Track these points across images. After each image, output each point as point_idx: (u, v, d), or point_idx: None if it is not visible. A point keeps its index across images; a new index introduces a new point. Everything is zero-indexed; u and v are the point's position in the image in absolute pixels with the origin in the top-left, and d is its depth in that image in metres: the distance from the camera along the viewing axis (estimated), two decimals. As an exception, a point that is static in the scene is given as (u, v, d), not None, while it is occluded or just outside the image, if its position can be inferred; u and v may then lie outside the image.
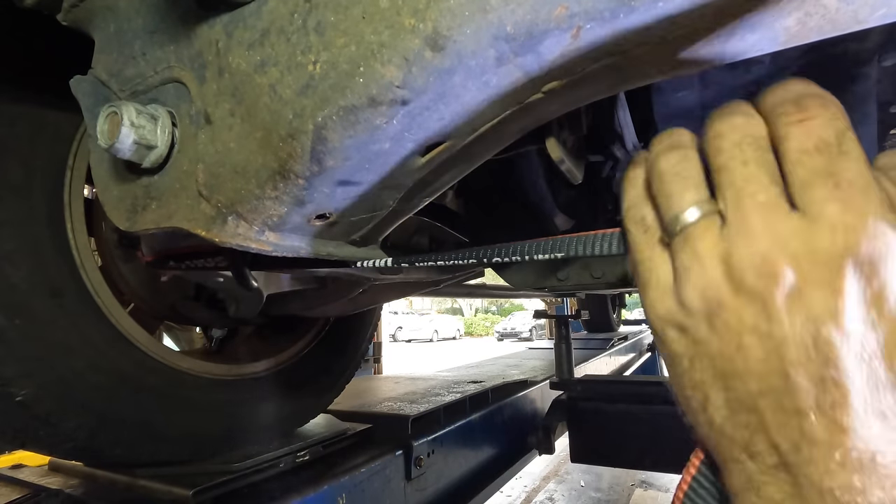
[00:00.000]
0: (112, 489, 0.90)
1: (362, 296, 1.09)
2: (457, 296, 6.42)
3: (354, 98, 0.35)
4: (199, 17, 0.41)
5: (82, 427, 0.77)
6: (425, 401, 1.54)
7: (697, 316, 0.28)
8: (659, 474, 3.69)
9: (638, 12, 0.30)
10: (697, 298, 0.27)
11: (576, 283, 1.09)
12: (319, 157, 0.38)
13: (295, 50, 0.36)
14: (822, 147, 0.25)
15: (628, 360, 3.78)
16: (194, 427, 0.94)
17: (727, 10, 0.30)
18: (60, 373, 0.74)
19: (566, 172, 0.74)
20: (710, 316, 0.27)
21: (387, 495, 1.11)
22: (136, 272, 0.99)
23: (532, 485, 3.84)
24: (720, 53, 0.35)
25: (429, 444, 1.26)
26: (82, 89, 0.50)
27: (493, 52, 0.32)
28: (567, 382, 2.02)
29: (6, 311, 0.69)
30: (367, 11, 0.33)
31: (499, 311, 29.10)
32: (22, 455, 1.10)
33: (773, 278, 0.25)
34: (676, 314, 0.29)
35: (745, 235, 0.26)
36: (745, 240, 0.26)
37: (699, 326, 0.28)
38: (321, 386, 1.28)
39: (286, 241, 0.48)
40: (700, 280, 0.27)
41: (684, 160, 0.30)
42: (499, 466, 1.61)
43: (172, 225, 0.45)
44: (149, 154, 0.43)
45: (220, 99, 0.41)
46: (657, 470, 2.37)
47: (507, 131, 0.43)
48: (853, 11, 0.31)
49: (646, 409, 1.74)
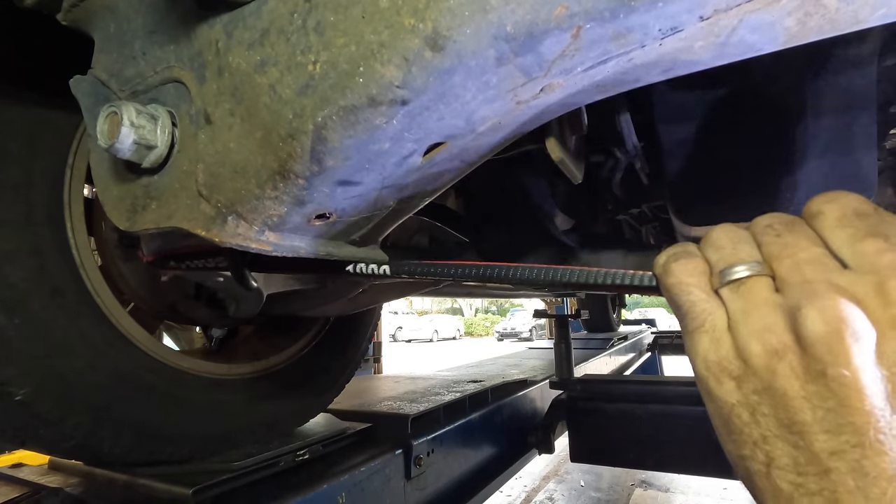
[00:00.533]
0: (112, 488, 0.90)
1: (362, 296, 1.09)
2: (457, 296, 6.41)
3: (354, 98, 0.35)
4: (199, 16, 0.41)
5: (82, 426, 0.77)
6: (425, 400, 1.54)
7: (759, 362, 0.26)
8: (659, 474, 3.69)
9: (638, 12, 0.30)
10: (758, 343, 0.26)
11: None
12: (319, 156, 0.38)
13: (295, 50, 0.36)
14: (861, 213, 0.27)
15: (628, 359, 3.78)
16: (194, 426, 0.94)
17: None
18: (60, 372, 0.74)
19: (566, 172, 0.74)
20: (772, 362, 0.26)
21: (386, 494, 1.11)
22: (136, 272, 0.99)
23: (532, 484, 3.84)
24: (721, 54, 0.35)
25: (428, 444, 1.27)
26: (82, 89, 0.50)
27: (493, 51, 0.32)
28: (567, 382, 2.02)
29: (6, 311, 0.69)
30: (367, 11, 0.33)
31: (499, 311, 29.10)
32: (22, 454, 1.10)
33: (840, 323, 0.24)
34: (734, 361, 0.27)
35: (803, 286, 0.26)
36: (807, 292, 0.25)
37: (761, 374, 0.26)
38: (321, 385, 1.28)
39: (286, 241, 0.48)
40: (759, 323, 0.26)
41: (736, 230, 0.31)
42: (498, 466, 1.61)
43: (172, 225, 0.45)
44: (149, 154, 0.43)
45: (220, 99, 0.41)
46: (657, 470, 2.37)
47: (507, 131, 0.43)
48: (853, 11, 0.31)
49: (646, 408, 1.74)
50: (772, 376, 0.25)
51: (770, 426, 0.26)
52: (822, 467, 0.24)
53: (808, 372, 0.25)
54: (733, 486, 3.46)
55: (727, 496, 3.44)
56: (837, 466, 0.23)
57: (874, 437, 0.23)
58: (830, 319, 0.24)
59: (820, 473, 0.24)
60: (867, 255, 0.25)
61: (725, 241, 0.30)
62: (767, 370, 0.26)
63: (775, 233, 0.29)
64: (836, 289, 0.25)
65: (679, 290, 0.30)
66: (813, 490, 0.24)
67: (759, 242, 0.29)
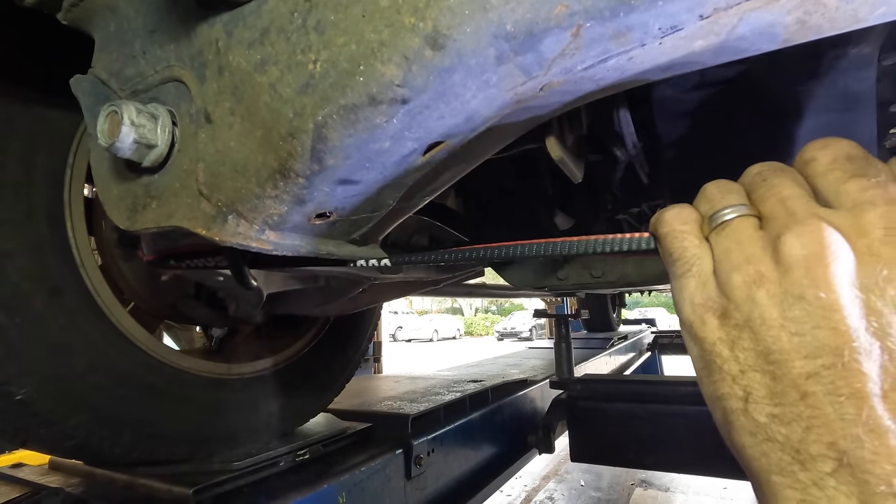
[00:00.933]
0: (112, 488, 0.90)
1: (362, 295, 1.09)
2: (457, 295, 6.42)
3: (355, 97, 0.35)
4: (200, 16, 0.41)
5: (82, 426, 0.77)
6: (425, 400, 1.54)
7: (739, 294, 0.27)
8: (659, 474, 3.69)
9: (638, 11, 0.30)
10: (738, 274, 0.27)
11: (576, 283, 1.09)
12: (320, 155, 0.38)
13: (295, 49, 0.36)
14: (851, 157, 0.28)
15: (628, 359, 3.78)
16: (194, 426, 0.94)
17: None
18: (60, 372, 0.74)
19: (566, 172, 0.74)
20: (752, 291, 0.26)
21: (387, 494, 1.11)
22: (137, 271, 0.99)
23: (532, 484, 3.84)
24: (720, 53, 0.35)
25: (429, 443, 1.27)
26: (82, 88, 0.50)
27: (493, 50, 0.32)
28: (567, 382, 2.02)
29: (6, 310, 0.69)
30: (368, 10, 0.33)
31: (499, 310, 29.11)
32: (22, 454, 1.10)
33: (818, 246, 0.25)
34: (717, 299, 0.28)
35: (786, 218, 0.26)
36: (788, 221, 0.26)
37: (741, 306, 0.27)
38: (321, 385, 1.28)
39: (286, 240, 0.48)
40: (740, 256, 0.27)
41: (727, 182, 0.32)
42: (499, 465, 1.61)
43: (172, 224, 0.45)
44: (149, 153, 0.43)
45: (221, 98, 0.41)
46: (657, 469, 2.37)
47: (506, 130, 0.43)
48: (853, 10, 0.31)
49: (646, 408, 1.74)
50: (752, 305, 0.26)
51: (748, 359, 0.26)
52: (800, 392, 0.24)
53: (786, 297, 0.25)
54: (733, 486, 3.46)
55: (727, 496, 3.45)
56: (814, 390, 0.23)
57: (850, 356, 0.23)
58: (809, 243, 0.25)
59: (796, 400, 0.24)
60: (850, 192, 0.26)
61: (715, 191, 0.31)
62: (748, 300, 0.26)
63: (762, 178, 0.30)
64: (817, 216, 0.26)
65: (672, 238, 0.32)
66: (790, 417, 0.24)
67: (748, 190, 0.30)
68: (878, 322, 0.23)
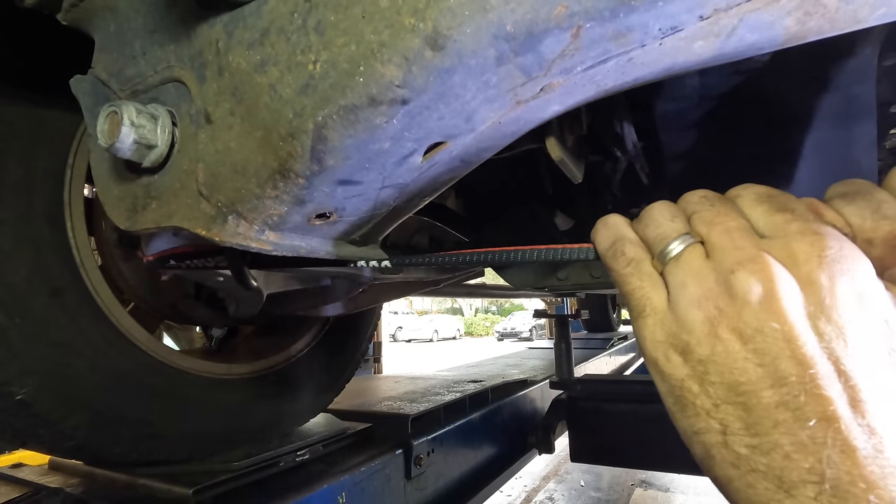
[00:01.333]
0: (112, 488, 0.90)
1: (362, 296, 1.09)
2: (457, 296, 6.42)
3: (355, 97, 0.35)
4: (199, 16, 0.41)
5: (82, 426, 0.77)
6: (425, 400, 1.54)
7: (699, 330, 0.27)
8: (659, 474, 3.69)
9: (638, 11, 0.30)
10: (699, 311, 0.28)
11: (575, 283, 1.09)
12: (320, 156, 0.38)
13: (295, 49, 0.36)
14: (771, 194, 0.31)
15: (628, 359, 3.78)
16: (194, 426, 0.94)
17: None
18: (60, 372, 0.74)
19: (566, 172, 0.74)
20: (713, 326, 0.27)
21: (387, 494, 1.11)
22: (136, 271, 0.99)
23: (532, 484, 3.84)
24: (720, 53, 0.35)
25: (429, 444, 1.27)
26: (82, 89, 0.50)
27: (493, 51, 0.32)
28: (567, 382, 2.02)
29: (6, 310, 0.69)
30: (367, 11, 0.33)
31: (499, 311, 29.10)
32: (22, 454, 1.10)
33: (771, 282, 0.26)
34: (678, 335, 0.29)
35: (727, 252, 0.28)
36: (738, 256, 0.28)
37: (703, 341, 0.27)
38: (321, 385, 1.28)
39: (286, 241, 0.48)
40: (697, 291, 0.28)
41: (668, 206, 0.33)
42: (499, 466, 1.61)
43: (172, 224, 0.45)
44: (149, 153, 0.43)
45: (221, 98, 0.41)
46: (657, 470, 2.37)
47: (507, 131, 0.43)
48: (853, 11, 0.31)
49: (646, 408, 1.74)
50: (715, 341, 0.27)
51: (719, 393, 0.27)
52: (772, 421, 0.25)
53: (746, 330, 0.26)
54: (733, 486, 3.45)
55: (727, 496, 3.44)
56: (785, 418, 0.24)
57: (812, 382, 0.24)
58: (763, 279, 0.26)
59: (770, 429, 0.25)
60: (778, 224, 0.29)
61: (660, 216, 0.33)
62: (711, 335, 0.27)
63: (709, 203, 0.32)
64: (764, 251, 0.27)
65: (619, 281, 0.33)
66: (768, 447, 0.25)
67: (691, 212, 0.32)
68: (828, 347, 0.25)
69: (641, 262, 0.32)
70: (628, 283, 0.32)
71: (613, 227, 0.35)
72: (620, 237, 0.34)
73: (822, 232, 0.27)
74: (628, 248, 0.33)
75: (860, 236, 0.29)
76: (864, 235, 0.29)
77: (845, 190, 0.31)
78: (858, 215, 0.29)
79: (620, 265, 0.33)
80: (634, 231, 0.34)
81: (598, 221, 0.36)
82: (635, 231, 0.34)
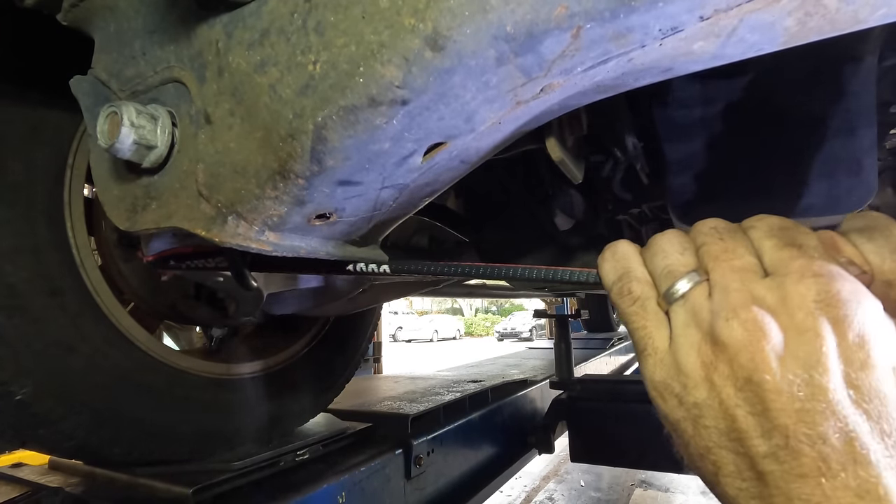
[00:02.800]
0: (112, 487, 0.90)
1: (362, 296, 1.09)
2: (457, 296, 6.40)
3: (354, 98, 0.35)
4: (199, 17, 0.41)
5: (82, 426, 0.77)
6: (425, 400, 1.54)
7: (695, 374, 0.28)
8: (659, 474, 3.69)
9: (638, 12, 0.30)
10: (695, 355, 0.28)
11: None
12: (319, 156, 0.38)
13: (295, 50, 0.36)
14: (784, 226, 0.30)
15: (628, 359, 3.77)
16: (194, 426, 0.94)
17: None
18: (60, 372, 0.74)
19: (566, 172, 0.74)
20: (708, 372, 0.27)
21: (386, 494, 1.11)
22: (136, 271, 0.99)
23: (532, 484, 3.84)
24: (720, 54, 0.35)
25: (428, 443, 1.27)
26: (82, 89, 0.50)
27: (493, 52, 0.32)
28: (567, 382, 2.02)
29: (6, 310, 0.69)
30: (367, 11, 0.33)
31: (499, 311, 29.09)
32: (22, 454, 1.10)
33: (757, 333, 0.26)
34: (676, 377, 0.29)
35: (724, 295, 0.28)
36: (730, 293, 0.28)
37: (699, 385, 0.28)
38: (321, 385, 1.28)
39: (286, 241, 0.48)
40: (696, 336, 0.28)
41: (677, 237, 0.33)
42: (498, 466, 1.61)
43: (172, 225, 0.45)
44: (149, 154, 0.43)
45: (220, 99, 0.41)
46: (657, 470, 2.37)
47: (507, 131, 0.43)
48: (853, 11, 0.31)
49: (646, 408, 1.74)
50: (709, 386, 0.27)
51: (712, 437, 0.27)
52: (759, 470, 0.25)
53: (737, 379, 0.26)
54: (733, 486, 3.45)
55: (727, 496, 3.44)
56: (772, 469, 0.25)
57: (795, 438, 0.24)
58: (750, 329, 0.26)
59: (758, 477, 0.25)
60: (783, 260, 0.28)
61: (669, 248, 0.33)
62: (706, 381, 0.27)
63: (719, 235, 0.31)
64: (755, 300, 0.27)
65: (624, 318, 0.33)
66: (753, 493, 0.25)
67: (700, 244, 0.32)
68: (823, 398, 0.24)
69: (647, 301, 0.32)
70: (633, 322, 0.32)
71: (622, 258, 0.34)
72: (627, 272, 0.34)
73: (823, 273, 0.26)
74: (635, 285, 0.33)
75: (879, 277, 0.28)
76: (883, 277, 0.28)
77: (863, 224, 0.30)
78: (877, 254, 0.28)
79: (626, 303, 0.33)
80: (642, 258, 0.34)
81: (607, 249, 0.36)
82: (643, 258, 0.34)
